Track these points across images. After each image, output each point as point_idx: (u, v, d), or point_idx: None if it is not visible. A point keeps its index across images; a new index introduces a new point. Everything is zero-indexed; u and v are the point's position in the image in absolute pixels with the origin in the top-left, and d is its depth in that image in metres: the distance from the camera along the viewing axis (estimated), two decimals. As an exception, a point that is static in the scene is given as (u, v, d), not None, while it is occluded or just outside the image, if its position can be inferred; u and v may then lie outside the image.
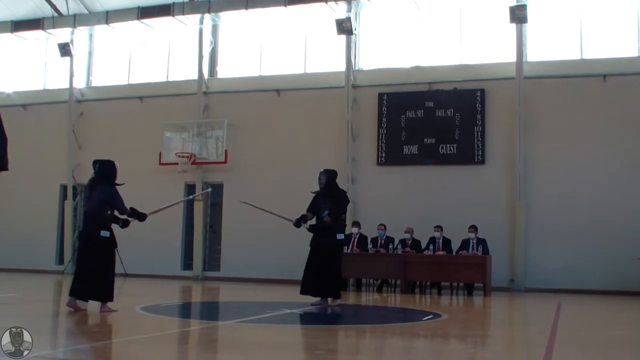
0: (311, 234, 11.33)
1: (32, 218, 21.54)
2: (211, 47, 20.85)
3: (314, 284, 11.02)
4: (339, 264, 11.34)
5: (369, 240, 16.64)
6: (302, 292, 11.21)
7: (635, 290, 15.67)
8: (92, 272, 9.03)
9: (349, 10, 19.02)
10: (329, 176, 11.40)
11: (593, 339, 8.12)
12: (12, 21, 22.13)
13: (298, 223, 11.39)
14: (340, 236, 11.31)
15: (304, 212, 11.44)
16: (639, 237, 16.07)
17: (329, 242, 11.08)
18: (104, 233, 9.18)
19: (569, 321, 10.23)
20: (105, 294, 9.10)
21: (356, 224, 16.85)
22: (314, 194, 11.40)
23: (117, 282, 9.67)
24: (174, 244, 20.33)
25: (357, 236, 16.60)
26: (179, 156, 19.80)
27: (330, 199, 11.16)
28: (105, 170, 9.49)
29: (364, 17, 19.57)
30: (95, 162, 9.68)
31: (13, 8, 21.94)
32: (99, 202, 9.24)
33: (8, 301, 11.31)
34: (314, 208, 11.32)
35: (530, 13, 17.31)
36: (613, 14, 17.68)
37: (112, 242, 9.30)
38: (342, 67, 19.15)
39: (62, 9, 21.41)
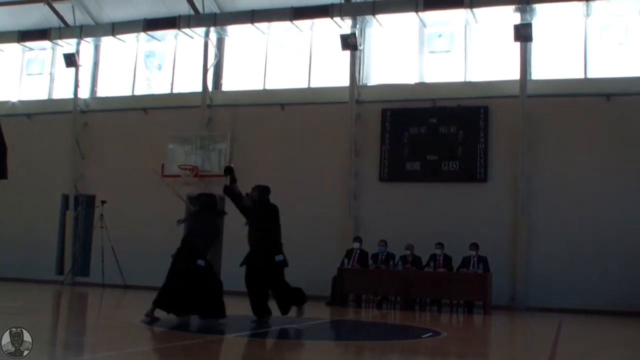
0: None
1: (33, 227, 21.49)
2: (216, 60, 20.91)
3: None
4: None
5: (369, 256, 16.60)
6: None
7: (639, 310, 15.59)
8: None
9: (354, 26, 19.09)
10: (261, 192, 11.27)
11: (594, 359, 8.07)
12: (19, 31, 22.21)
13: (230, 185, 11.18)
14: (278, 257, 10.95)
15: (304, 227, 11.35)
16: (642, 258, 16.01)
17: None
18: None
19: (569, 341, 10.18)
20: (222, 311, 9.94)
21: (357, 239, 16.81)
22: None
23: (116, 293, 9.66)
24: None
25: (358, 252, 16.56)
26: (181, 168, 19.81)
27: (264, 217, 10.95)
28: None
29: (369, 33, 19.64)
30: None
31: (20, 18, 22.05)
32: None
33: (8, 311, 11.27)
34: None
35: (535, 31, 17.35)
36: (617, 33, 17.72)
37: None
38: (346, 83, 19.17)
39: (69, 19, 21.51)
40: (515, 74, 17.79)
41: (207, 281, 10.01)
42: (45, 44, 22.41)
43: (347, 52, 18.94)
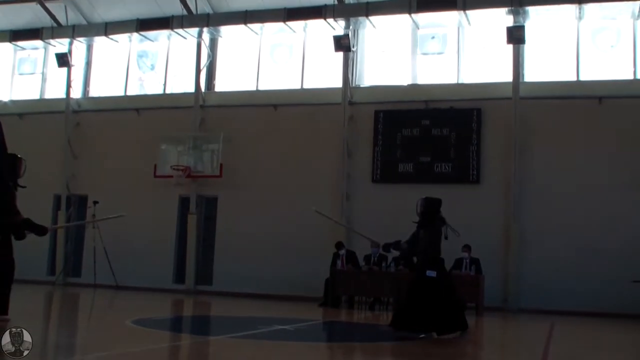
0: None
1: (24, 228, 21.36)
2: (209, 60, 20.88)
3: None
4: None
5: (356, 255, 16.58)
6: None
7: (629, 312, 15.63)
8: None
9: (348, 27, 19.09)
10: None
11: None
12: (10, 30, 22.14)
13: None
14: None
15: (297, 228, 11.27)
16: (634, 259, 16.05)
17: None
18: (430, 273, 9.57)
19: (561, 343, 10.19)
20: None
21: (340, 245, 16.70)
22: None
23: (108, 294, 9.62)
24: (166, 257, 20.21)
25: (344, 255, 16.56)
26: (174, 169, 19.76)
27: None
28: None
29: (362, 34, 19.65)
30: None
31: (12, 18, 21.97)
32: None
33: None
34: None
35: (527, 34, 17.40)
36: (610, 37, 17.79)
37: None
38: (339, 84, 19.17)
39: (61, 19, 21.44)
40: (508, 76, 17.83)
41: (439, 293, 9.56)
42: (38, 43, 22.34)
43: (340, 54, 18.94)
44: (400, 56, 19.35)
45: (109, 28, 21.14)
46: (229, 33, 20.58)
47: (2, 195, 8.59)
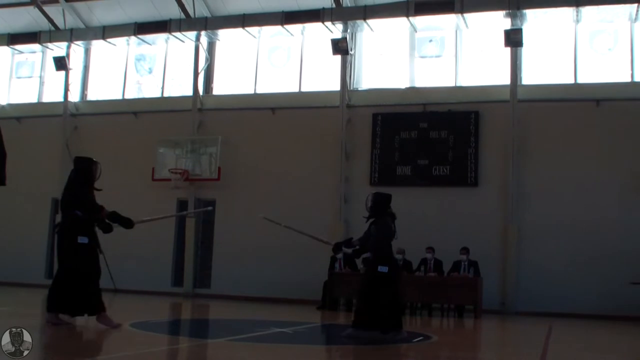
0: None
1: (22, 231, 21.38)
2: (207, 64, 20.90)
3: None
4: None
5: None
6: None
7: (627, 314, 15.65)
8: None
9: (345, 30, 19.11)
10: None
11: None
12: (8, 34, 22.15)
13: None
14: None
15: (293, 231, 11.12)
16: (632, 262, 16.07)
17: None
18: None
19: (559, 345, 10.20)
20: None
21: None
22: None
23: (106, 297, 9.63)
24: (164, 260, 20.22)
25: (342, 258, 16.54)
26: (172, 172, 19.75)
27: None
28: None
29: (360, 37, 19.68)
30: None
31: (10, 21, 21.99)
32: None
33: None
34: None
35: (525, 37, 17.43)
36: (607, 39, 17.83)
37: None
38: (337, 87, 19.20)
39: (59, 22, 21.45)
40: (505, 79, 17.87)
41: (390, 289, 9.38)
42: (35, 47, 22.37)
43: (338, 57, 18.97)
44: (398, 59, 19.38)
45: (107, 31, 21.17)
46: (226, 36, 20.60)
47: (84, 194, 9.74)
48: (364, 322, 9.23)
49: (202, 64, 20.77)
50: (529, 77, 18.23)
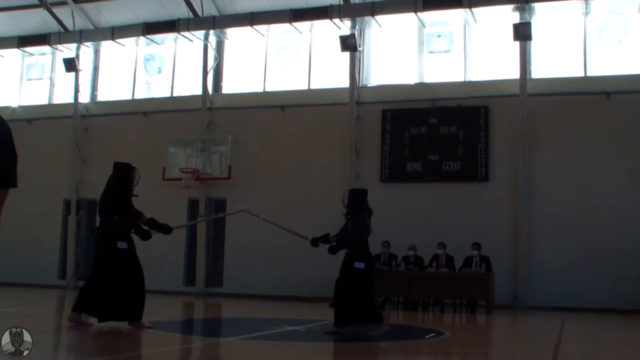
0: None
1: (34, 232, 21.49)
2: (216, 62, 20.93)
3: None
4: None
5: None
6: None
7: (640, 308, 15.59)
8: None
9: (354, 27, 19.09)
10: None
11: (597, 358, 8.05)
12: (18, 36, 22.26)
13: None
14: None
15: (305, 229, 11.20)
16: (643, 256, 16.00)
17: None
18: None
19: (572, 340, 10.16)
20: None
21: None
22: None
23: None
24: (176, 259, 20.26)
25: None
26: (182, 172, 19.79)
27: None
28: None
29: (368, 33, 19.65)
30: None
31: (20, 23, 22.09)
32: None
33: (8, 316, 11.27)
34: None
35: (534, 30, 17.36)
36: (617, 31, 17.73)
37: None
38: (346, 84, 19.18)
39: (69, 24, 21.53)
40: (515, 73, 17.80)
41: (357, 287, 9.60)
42: (45, 49, 22.46)
43: (347, 53, 18.95)
44: (406, 55, 19.34)
45: (116, 32, 21.24)
46: (235, 35, 20.62)
47: (122, 200, 9.87)
48: (343, 317, 9.33)
49: (211, 63, 20.80)
50: (538, 71, 18.15)
